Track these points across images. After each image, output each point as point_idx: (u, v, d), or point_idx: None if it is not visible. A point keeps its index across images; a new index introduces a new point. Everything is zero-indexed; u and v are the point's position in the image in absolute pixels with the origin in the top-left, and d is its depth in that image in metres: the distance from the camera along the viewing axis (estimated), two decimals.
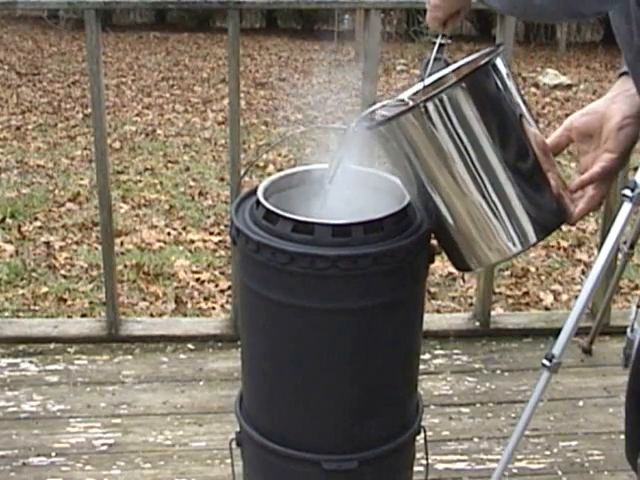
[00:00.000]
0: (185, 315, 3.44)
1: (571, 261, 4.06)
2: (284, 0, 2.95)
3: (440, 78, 1.42)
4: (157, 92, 8.45)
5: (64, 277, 3.81)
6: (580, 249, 4.18)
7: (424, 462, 1.84)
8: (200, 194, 5.09)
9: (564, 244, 4.23)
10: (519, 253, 1.32)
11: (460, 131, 1.26)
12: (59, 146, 6.25)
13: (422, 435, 1.70)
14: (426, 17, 1.34)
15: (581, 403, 2.47)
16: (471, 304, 3.39)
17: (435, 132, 1.27)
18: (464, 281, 3.78)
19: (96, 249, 4.03)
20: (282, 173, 1.62)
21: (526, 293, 3.67)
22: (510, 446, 1.93)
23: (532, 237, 1.30)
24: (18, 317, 3.32)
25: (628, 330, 2.25)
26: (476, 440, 2.31)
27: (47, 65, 9.85)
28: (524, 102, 1.33)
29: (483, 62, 1.28)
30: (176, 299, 3.59)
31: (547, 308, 3.53)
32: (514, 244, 1.31)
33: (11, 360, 2.66)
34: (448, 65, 1.42)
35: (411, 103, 1.33)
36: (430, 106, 1.25)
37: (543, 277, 3.86)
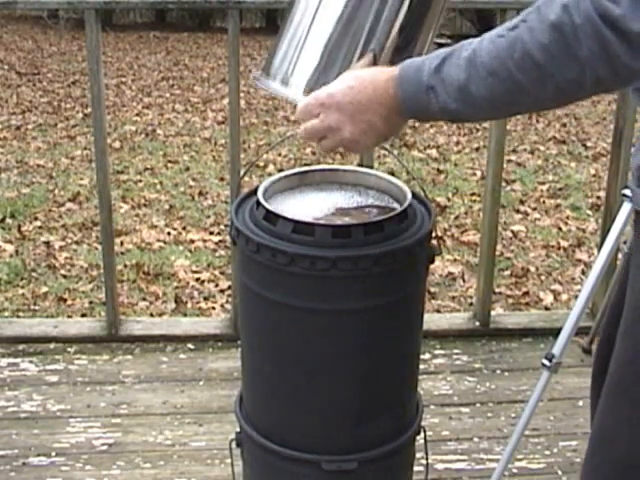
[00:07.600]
0: (185, 315, 3.44)
1: (571, 261, 4.06)
2: (284, 0, 2.95)
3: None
4: (157, 92, 8.45)
5: (64, 277, 3.81)
6: (580, 249, 4.18)
7: (424, 462, 1.84)
8: (200, 194, 5.09)
9: (564, 244, 4.23)
10: None
11: None
12: (59, 146, 6.25)
13: (422, 435, 1.70)
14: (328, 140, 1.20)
15: (581, 403, 2.47)
16: (471, 304, 3.39)
17: None
18: (464, 281, 3.79)
19: (96, 249, 4.03)
20: (282, 174, 1.61)
21: (526, 293, 3.67)
22: (510, 446, 1.93)
23: None
24: (18, 317, 3.32)
25: None
26: (476, 440, 2.31)
27: (47, 65, 9.84)
28: None
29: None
30: (176, 299, 3.59)
31: (547, 308, 3.53)
32: None
33: (11, 360, 2.66)
34: None
35: None
36: None
37: (543, 277, 3.86)
